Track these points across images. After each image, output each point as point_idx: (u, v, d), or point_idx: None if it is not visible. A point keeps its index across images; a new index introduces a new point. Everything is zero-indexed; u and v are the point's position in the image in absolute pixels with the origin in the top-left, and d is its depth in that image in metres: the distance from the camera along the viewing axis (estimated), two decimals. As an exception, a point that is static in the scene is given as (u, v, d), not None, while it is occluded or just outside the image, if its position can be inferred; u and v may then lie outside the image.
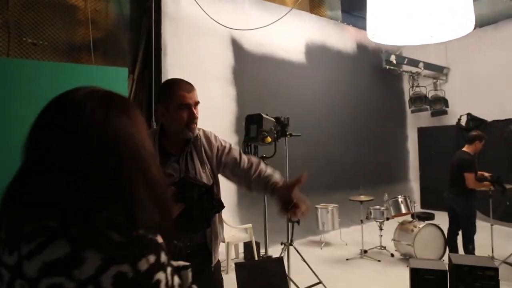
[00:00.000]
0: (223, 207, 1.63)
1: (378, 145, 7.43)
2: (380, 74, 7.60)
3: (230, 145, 1.78)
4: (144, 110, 5.01)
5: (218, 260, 1.75)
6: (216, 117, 5.15)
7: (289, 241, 3.44)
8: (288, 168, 3.47)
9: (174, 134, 1.65)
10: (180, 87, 1.61)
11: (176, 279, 0.68)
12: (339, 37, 7.07)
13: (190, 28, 5.24)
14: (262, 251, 4.58)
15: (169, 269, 0.65)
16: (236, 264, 3.14)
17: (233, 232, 4.77)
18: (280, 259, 3.10)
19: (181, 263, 0.80)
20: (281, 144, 3.49)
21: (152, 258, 0.62)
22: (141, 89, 5.19)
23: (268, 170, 1.70)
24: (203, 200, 1.51)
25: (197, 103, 1.63)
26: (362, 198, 4.82)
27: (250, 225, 4.56)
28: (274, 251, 4.03)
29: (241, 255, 4.85)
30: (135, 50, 5.33)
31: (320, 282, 3.42)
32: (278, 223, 4.55)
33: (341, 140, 6.80)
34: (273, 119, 3.21)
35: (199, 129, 1.70)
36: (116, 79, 4.69)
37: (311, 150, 6.17)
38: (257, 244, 4.64)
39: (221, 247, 4.51)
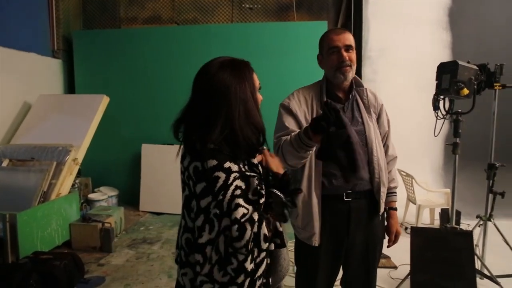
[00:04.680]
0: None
1: None
2: None
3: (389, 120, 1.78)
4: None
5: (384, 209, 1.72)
6: (426, 67, 4.56)
7: (487, 215, 2.85)
8: (495, 128, 2.79)
9: (331, 81, 1.65)
10: (330, 32, 1.65)
11: (240, 183, 0.97)
12: None
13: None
14: (466, 222, 4.00)
15: (234, 174, 0.96)
16: (412, 228, 2.89)
17: (429, 196, 4.34)
18: (468, 233, 2.66)
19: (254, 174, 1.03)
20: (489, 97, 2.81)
21: (213, 162, 0.96)
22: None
23: (395, 181, 1.77)
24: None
25: (348, 46, 1.59)
26: None
27: (448, 190, 4.03)
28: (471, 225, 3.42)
29: (437, 222, 4.37)
30: (338, 3, 5.28)
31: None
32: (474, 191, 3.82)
33: None
34: (475, 67, 2.62)
35: (365, 88, 1.69)
36: (315, 33, 4.78)
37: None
38: (458, 213, 4.06)
39: (412, 209, 4.24)
